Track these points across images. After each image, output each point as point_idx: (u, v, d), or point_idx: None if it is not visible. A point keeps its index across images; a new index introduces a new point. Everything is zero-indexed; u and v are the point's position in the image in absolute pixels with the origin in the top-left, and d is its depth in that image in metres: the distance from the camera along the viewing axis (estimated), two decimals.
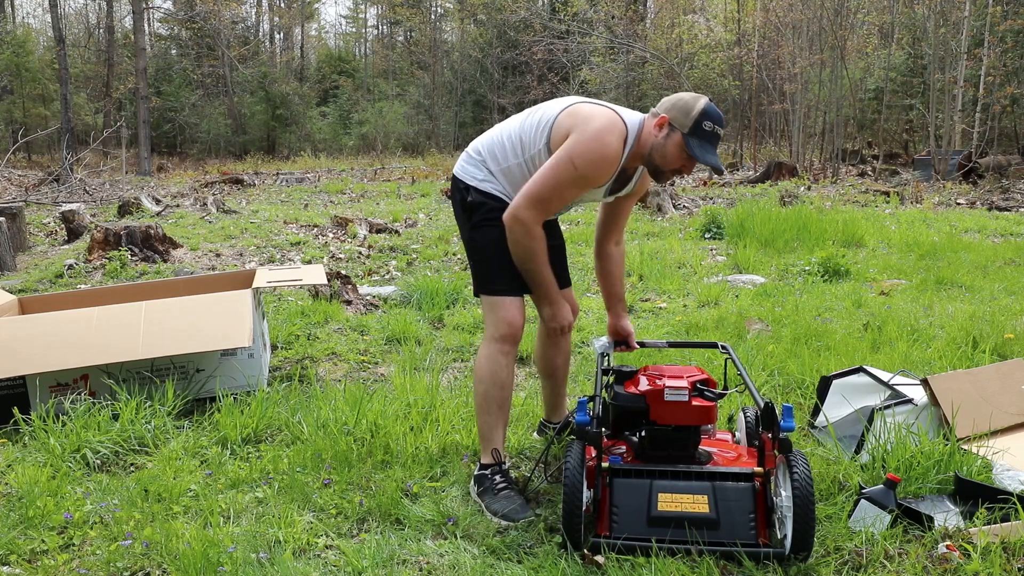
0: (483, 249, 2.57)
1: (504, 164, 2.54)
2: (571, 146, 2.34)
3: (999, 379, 2.96)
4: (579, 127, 2.36)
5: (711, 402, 2.32)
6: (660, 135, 2.37)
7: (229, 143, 29.79)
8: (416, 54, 35.21)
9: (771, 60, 21.05)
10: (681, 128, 2.35)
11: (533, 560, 2.18)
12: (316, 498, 2.55)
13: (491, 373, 2.55)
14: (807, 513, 2.04)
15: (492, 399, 2.56)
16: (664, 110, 2.39)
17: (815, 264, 6.18)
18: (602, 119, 2.37)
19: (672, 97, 2.42)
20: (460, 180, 2.62)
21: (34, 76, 25.70)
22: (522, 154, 2.51)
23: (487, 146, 2.60)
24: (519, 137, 2.52)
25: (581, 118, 2.39)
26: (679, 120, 2.35)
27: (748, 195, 12.60)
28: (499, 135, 2.59)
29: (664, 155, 2.38)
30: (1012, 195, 12.18)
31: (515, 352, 2.59)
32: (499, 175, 2.55)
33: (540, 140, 2.46)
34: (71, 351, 3.27)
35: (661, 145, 2.37)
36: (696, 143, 2.34)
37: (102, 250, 6.94)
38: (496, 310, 2.55)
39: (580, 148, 2.33)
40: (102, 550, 2.27)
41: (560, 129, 2.42)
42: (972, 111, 17.19)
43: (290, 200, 12.99)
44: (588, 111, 2.42)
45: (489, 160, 2.57)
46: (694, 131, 2.34)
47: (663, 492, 2.21)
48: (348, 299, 5.34)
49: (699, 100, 2.36)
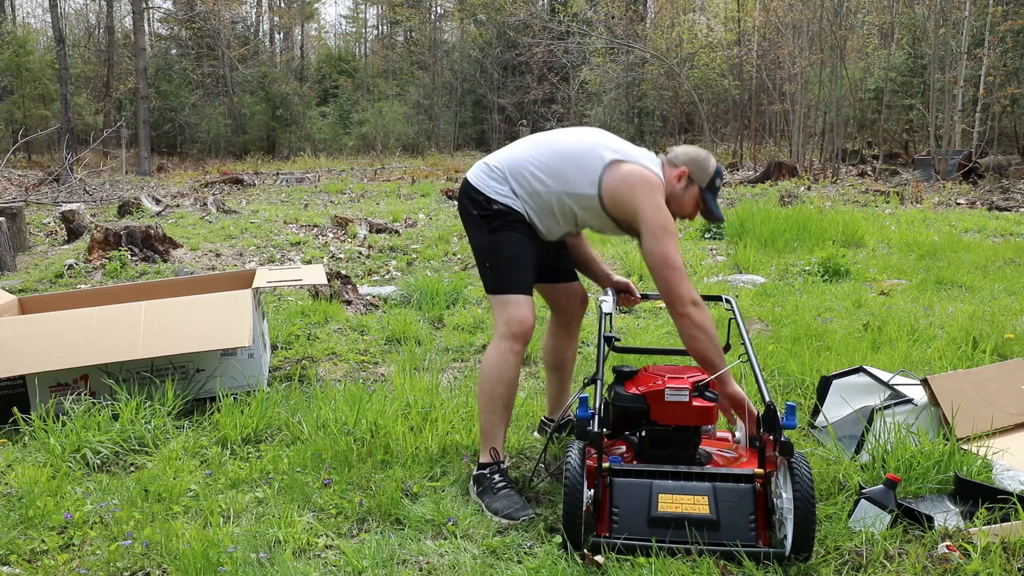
0: (501, 250, 2.59)
1: (530, 188, 2.59)
2: (654, 219, 2.46)
3: (999, 379, 2.96)
4: (641, 199, 2.47)
5: (712, 403, 2.32)
6: (679, 186, 2.59)
7: (229, 143, 29.79)
8: (416, 54, 35.20)
9: (771, 60, 21.04)
10: (699, 183, 2.60)
11: (533, 560, 2.18)
12: (316, 498, 2.55)
13: (499, 371, 2.55)
14: (808, 517, 2.04)
15: (498, 398, 2.57)
16: (683, 163, 2.61)
17: (815, 264, 6.18)
18: (650, 182, 2.51)
19: (687, 150, 2.65)
20: (480, 191, 2.63)
21: (34, 76, 25.69)
22: (555, 185, 2.56)
23: (510, 168, 2.62)
24: (551, 169, 2.57)
25: (637, 185, 2.49)
26: (698, 175, 2.60)
27: (748, 195, 12.60)
28: (522, 160, 2.61)
29: (681, 204, 2.61)
30: (1012, 195, 12.17)
31: (524, 352, 2.61)
32: (524, 196, 2.60)
33: (589, 187, 2.53)
34: (71, 351, 3.27)
35: (680, 195, 2.59)
36: (711, 197, 2.62)
37: (102, 250, 6.94)
38: (508, 308, 2.57)
39: (663, 219, 2.47)
40: (102, 550, 2.27)
41: (616, 193, 2.50)
42: (972, 111, 17.18)
43: (290, 200, 12.99)
44: (639, 176, 2.50)
45: (512, 180, 2.61)
46: (710, 186, 2.61)
47: (663, 493, 2.21)
48: (348, 299, 5.34)
49: (710, 158, 2.64)
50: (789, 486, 2.11)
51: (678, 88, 23.51)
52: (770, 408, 2.24)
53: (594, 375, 2.49)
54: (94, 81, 28.83)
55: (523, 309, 2.56)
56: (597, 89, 25.17)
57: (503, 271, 2.60)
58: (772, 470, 2.22)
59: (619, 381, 2.48)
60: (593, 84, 25.19)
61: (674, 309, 2.44)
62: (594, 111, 25.83)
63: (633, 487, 2.23)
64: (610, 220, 2.59)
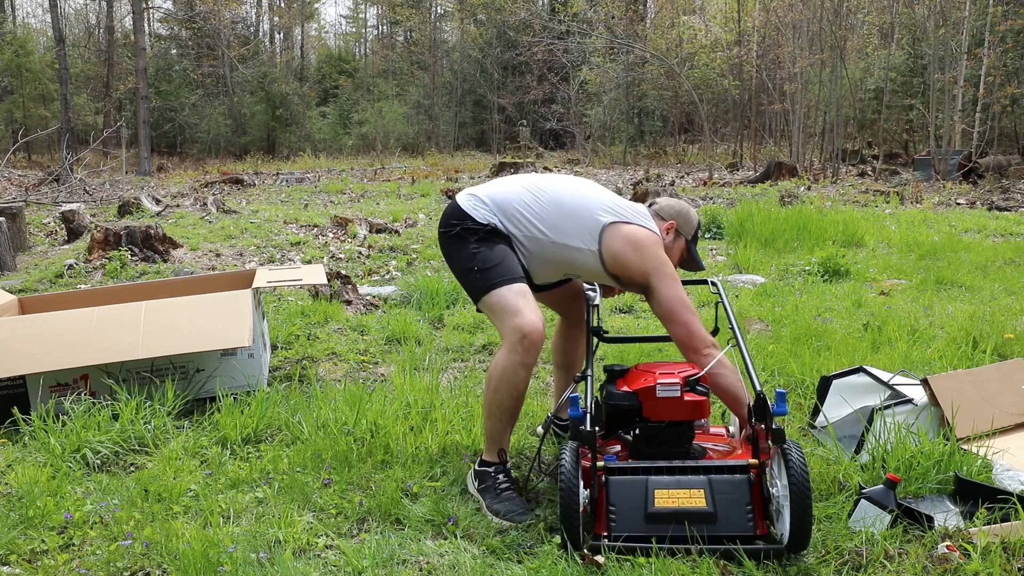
0: (489, 255, 2.54)
1: (525, 232, 2.59)
2: (664, 272, 2.53)
3: (999, 379, 2.96)
4: (648, 258, 2.54)
5: (703, 397, 2.32)
6: (668, 239, 2.72)
7: (229, 143, 29.78)
8: (416, 54, 35.20)
9: (771, 60, 21.05)
10: (685, 235, 2.77)
11: (533, 560, 2.18)
12: (316, 498, 2.55)
13: (509, 385, 2.48)
14: (804, 503, 2.05)
15: (505, 408, 2.53)
16: (670, 217, 2.75)
17: (815, 264, 6.18)
18: (653, 240, 2.59)
19: (672, 205, 2.79)
20: (469, 215, 2.60)
21: (34, 76, 25.70)
22: (552, 235, 2.58)
23: (501, 208, 2.61)
24: (548, 219, 2.58)
25: (643, 246, 2.55)
26: (684, 228, 2.76)
27: (748, 195, 12.60)
28: (515, 202, 2.61)
29: (670, 254, 2.69)
30: (1012, 195, 12.17)
31: (534, 362, 2.49)
32: (521, 238, 2.60)
33: (588, 243, 2.56)
34: (71, 351, 3.27)
35: (668, 247, 2.70)
36: (694, 248, 2.81)
37: (102, 250, 6.94)
38: (510, 315, 2.46)
39: (669, 269, 2.56)
40: (102, 550, 2.27)
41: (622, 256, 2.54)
42: (972, 111, 17.19)
43: (290, 200, 12.99)
44: (643, 237, 2.57)
45: (502, 217, 2.60)
46: (694, 238, 2.79)
47: (659, 488, 2.21)
48: (348, 299, 5.34)
49: (692, 210, 2.81)
50: (784, 474, 2.11)
51: (678, 88, 23.53)
52: (760, 397, 2.25)
53: (583, 371, 2.48)
54: (94, 81, 28.84)
55: (526, 316, 2.43)
56: (597, 89, 25.17)
57: (492, 271, 2.52)
58: (766, 459, 2.23)
59: (611, 380, 2.48)
60: (593, 84, 25.18)
61: (697, 353, 2.47)
62: (594, 111, 25.83)
63: (629, 484, 2.23)
64: (609, 276, 2.63)
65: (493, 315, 2.55)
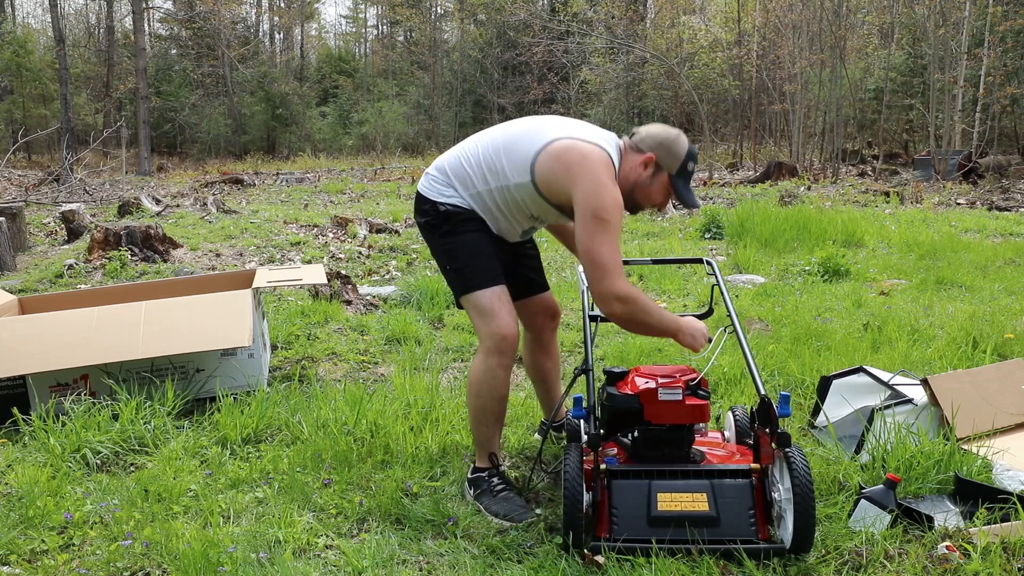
0: (458, 253, 2.48)
1: (472, 190, 2.45)
2: (588, 204, 2.21)
3: (999, 379, 2.96)
4: (576, 177, 2.23)
5: (704, 400, 2.32)
6: (646, 174, 2.36)
7: (229, 143, 29.80)
8: (416, 54, 35.20)
9: (771, 60, 21.04)
10: (668, 170, 2.36)
11: (533, 560, 2.18)
12: (316, 498, 2.55)
13: (489, 388, 2.48)
14: (808, 508, 2.05)
15: (490, 412, 2.53)
16: (649, 148, 2.35)
17: (815, 264, 6.18)
18: (594, 162, 2.25)
19: (654, 132, 2.38)
20: (427, 198, 2.52)
21: (34, 76, 25.72)
22: (493, 181, 2.40)
23: (453, 170, 2.49)
24: (489, 164, 2.41)
25: (574, 161, 2.25)
26: (666, 161, 2.35)
27: (748, 195, 12.59)
28: (462, 159, 2.48)
29: (648, 194, 2.39)
30: (1012, 195, 12.17)
31: (512, 362, 2.50)
32: (468, 198, 2.46)
33: (522, 174, 2.35)
34: (71, 351, 3.27)
35: (646, 184, 2.37)
36: (682, 184, 2.37)
37: (102, 250, 6.94)
38: (486, 318, 2.44)
39: (597, 202, 2.21)
40: (102, 550, 2.27)
41: (550, 173, 2.29)
42: (972, 111, 17.19)
43: (290, 200, 12.99)
44: (576, 152, 2.26)
45: (456, 183, 2.47)
46: (680, 172, 2.36)
47: (662, 492, 2.21)
48: (348, 299, 5.34)
49: (681, 139, 2.36)
50: (787, 478, 2.11)
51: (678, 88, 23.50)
52: (764, 401, 2.24)
53: (584, 365, 2.43)
54: (94, 81, 28.85)
55: (502, 319, 2.41)
56: (597, 89, 25.16)
57: (467, 270, 2.46)
58: (768, 464, 2.23)
59: (611, 382, 2.47)
60: (593, 84, 25.18)
61: (600, 307, 2.30)
62: (594, 111, 25.83)
63: (632, 488, 2.23)
64: (554, 209, 2.36)
65: (470, 315, 2.54)
